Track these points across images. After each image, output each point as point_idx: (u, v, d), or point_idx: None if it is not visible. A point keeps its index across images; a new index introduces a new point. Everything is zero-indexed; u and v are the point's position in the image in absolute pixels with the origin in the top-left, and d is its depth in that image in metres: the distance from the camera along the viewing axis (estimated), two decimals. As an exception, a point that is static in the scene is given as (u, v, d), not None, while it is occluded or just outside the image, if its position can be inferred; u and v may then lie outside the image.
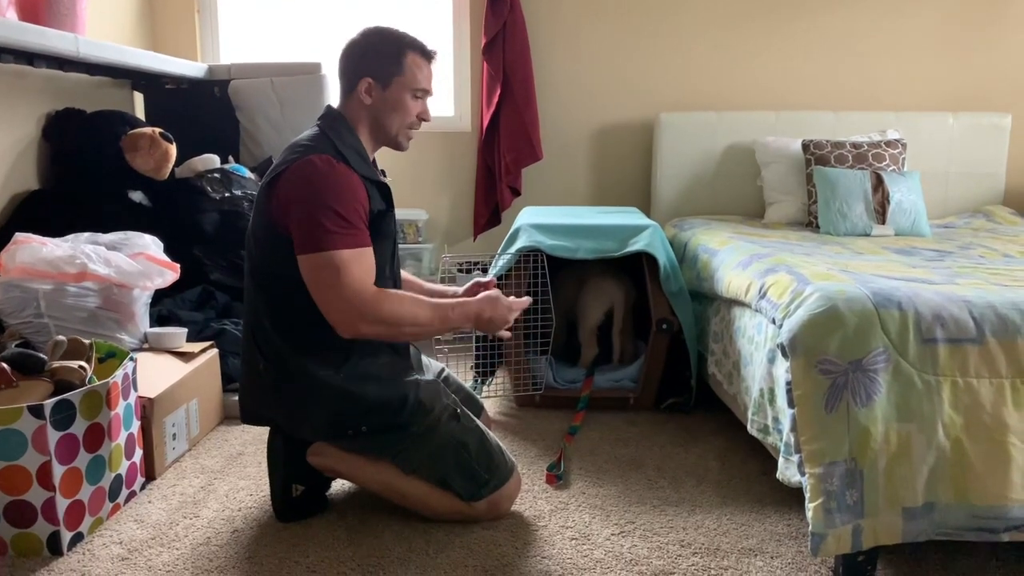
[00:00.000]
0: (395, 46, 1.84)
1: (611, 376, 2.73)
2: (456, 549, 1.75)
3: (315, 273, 1.69)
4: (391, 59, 1.83)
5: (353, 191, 1.73)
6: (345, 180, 1.73)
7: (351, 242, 1.70)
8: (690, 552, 1.74)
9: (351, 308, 1.69)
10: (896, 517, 1.55)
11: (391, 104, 1.85)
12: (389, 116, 1.86)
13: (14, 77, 2.67)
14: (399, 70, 1.83)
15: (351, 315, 1.69)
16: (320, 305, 1.71)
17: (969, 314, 1.63)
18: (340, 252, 1.68)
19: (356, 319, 1.70)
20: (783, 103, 3.71)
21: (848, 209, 3.05)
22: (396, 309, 1.73)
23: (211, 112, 3.35)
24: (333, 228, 1.68)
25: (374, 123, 1.86)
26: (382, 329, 1.73)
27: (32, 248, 2.20)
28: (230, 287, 2.83)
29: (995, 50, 3.67)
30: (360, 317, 1.69)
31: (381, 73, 1.83)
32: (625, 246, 2.62)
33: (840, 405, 1.58)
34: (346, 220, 1.70)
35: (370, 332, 1.73)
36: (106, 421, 1.80)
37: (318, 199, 1.69)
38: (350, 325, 1.71)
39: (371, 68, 1.83)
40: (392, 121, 1.86)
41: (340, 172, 1.73)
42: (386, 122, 1.86)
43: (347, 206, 1.71)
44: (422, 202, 3.81)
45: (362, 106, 1.85)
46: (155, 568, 1.67)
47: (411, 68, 1.84)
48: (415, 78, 1.85)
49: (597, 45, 3.70)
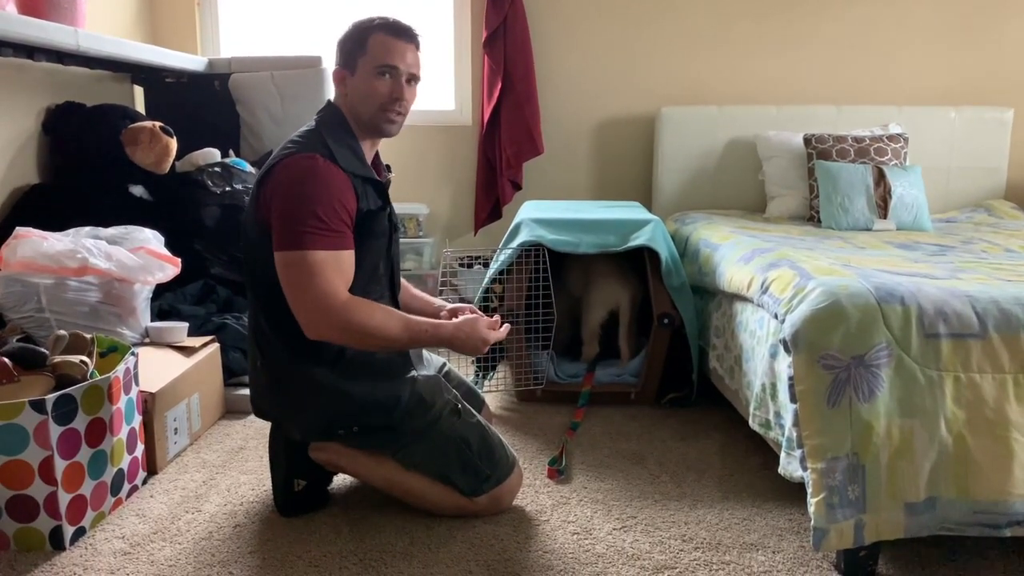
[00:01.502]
0: (362, 30, 1.80)
1: (612, 371, 2.73)
2: (458, 544, 1.75)
3: (287, 271, 1.67)
4: (356, 43, 1.80)
5: (336, 191, 1.69)
6: (329, 180, 1.69)
7: (327, 243, 1.67)
8: (692, 547, 1.74)
9: (318, 310, 1.65)
10: (898, 512, 1.55)
11: (361, 88, 1.79)
12: (361, 101, 1.80)
13: (14, 70, 2.66)
14: (363, 51, 1.79)
15: (316, 317, 1.66)
16: (290, 303, 1.68)
17: (972, 309, 1.63)
18: (315, 252, 1.65)
19: (321, 322, 1.66)
20: (785, 97, 3.70)
21: (850, 203, 3.05)
22: (364, 320, 1.68)
23: (211, 106, 3.35)
24: (310, 228, 1.65)
25: (354, 113, 1.82)
26: (347, 337, 1.69)
27: (33, 242, 2.19)
28: (231, 281, 2.83)
29: (997, 44, 3.66)
30: (326, 321, 1.66)
31: (349, 59, 1.80)
32: (627, 241, 2.62)
33: (842, 400, 1.58)
34: (324, 221, 1.66)
35: (334, 337, 1.69)
36: (108, 416, 1.80)
37: (299, 198, 1.66)
38: (315, 327, 1.67)
39: (342, 58, 1.82)
40: (365, 106, 1.80)
41: (324, 171, 1.69)
42: (360, 108, 1.80)
43: (327, 207, 1.67)
44: (423, 196, 3.80)
45: (343, 98, 1.83)
46: (157, 562, 1.67)
47: (374, 46, 1.78)
48: (377, 55, 1.78)
49: (598, 39, 3.69)
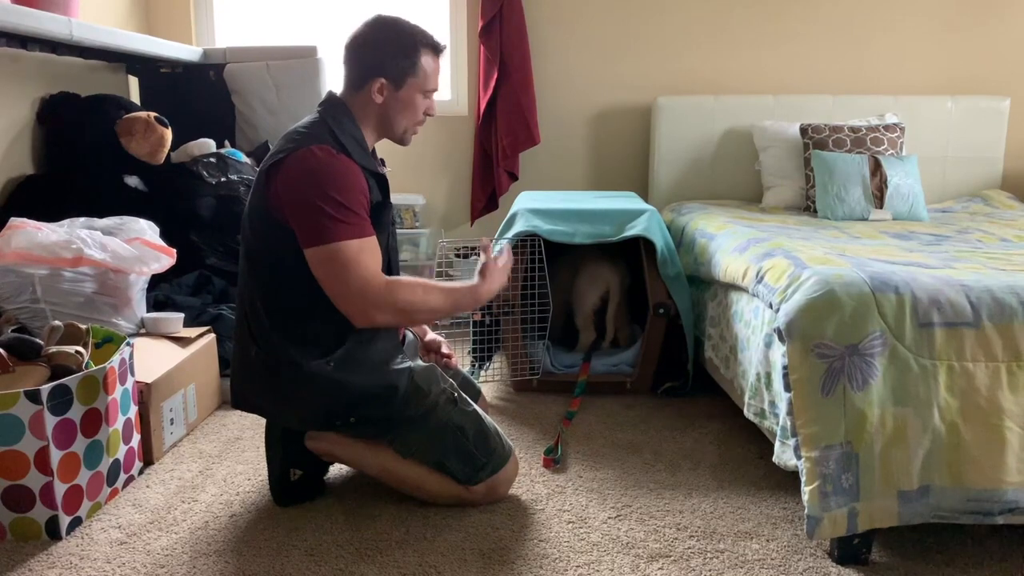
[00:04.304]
0: (409, 46, 1.80)
1: (608, 360, 2.74)
2: (454, 532, 1.75)
3: (324, 267, 1.68)
4: (405, 59, 1.80)
5: (355, 181, 1.72)
6: (347, 170, 1.71)
7: (357, 232, 1.69)
8: (686, 535, 1.75)
9: (364, 298, 1.68)
10: (892, 500, 1.56)
11: (402, 104, 1.82)
12: (398, 115, 1.84)
13: (7, 61, 2.65)
14: (413, 71, 1.80)
15: (364, 305, 1.69)
16: (332, 298, 1.70)
17: (966, 298, 1.63)
18: (348, 243, 1.67)
19: (370, 308, 1.69)
20: (781, 87, 3.70)
21: (846, 193, 3.05)
22: (409, 297, 1.74)
23: (206, 96, 3.33)
24: (338, 219, 1.66)
25: (382, 120, 1.84)
26: (398, 316, 1.75)
27: (27, 233, 2.19)
28: (227, 272, 2.83)
29: (994, 33, 3.65)
30: (374, 306, 1.69)
31: (395, 74, 1.80)
32: (623, 231, 2.62)
33: (836, 389, 1.58)
34: (351, 210, 1.68)
35: (384, 320, 1.74)
36: (103, 406, 1.80)
37: (321, 190, 1.67)
38: (364, 315, 1.70)
39: (385, 68, 1.79)
40: (401, 120, 1.84)
41: (341, 162, 1.71)
42: (395, 121, 1.84)
43: (350, 196, 1.69)
44: (419, 187, 3.80)
45: (371, 103, 1.82)
46: (153, 552, 1.67)
47: (424, 69, 1.82)
48: (428, 79, 1.83)
49: (595, 28, 3.68)
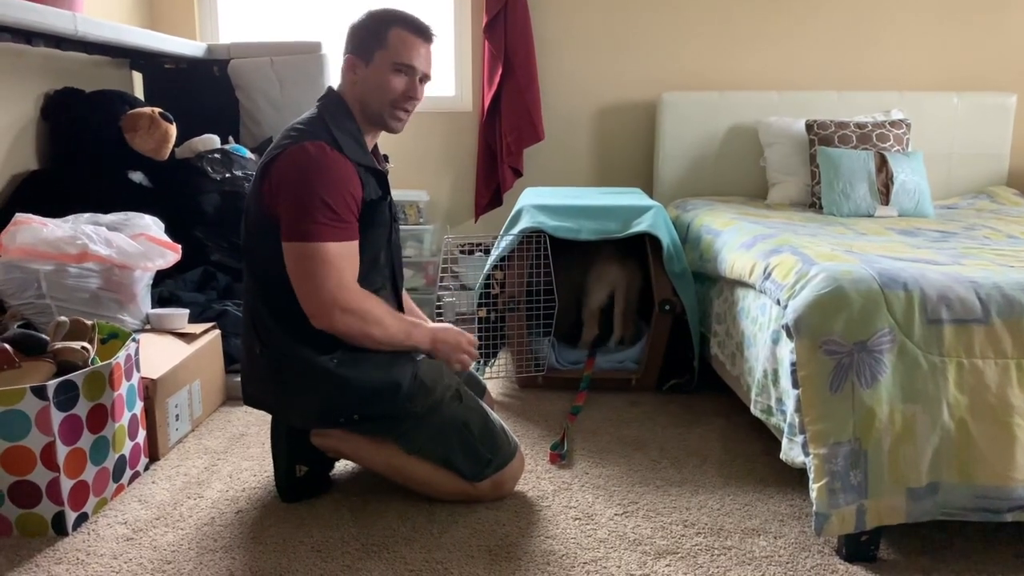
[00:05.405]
0: (381, 22, 1.80)
1: (613, 357, 2.73)
2: (460, 529, 1.75)
3: (298, 263, 1.68)
4: (375, 34, 1.79)
5: (345, 181, 1.70)
6: (337, 169, 1.70)
7: (338, 235, 1.68)
8: (694, 532, 1.75)
9: (328, 303, 1.68)
10: (900, 497, 1.56)
11: (374, 80, 1.79)
12: (372, 93, 1.80)
13: (12, 56, 2.64)
14: (382, 44, 1.78)
15: (326, 309, 1.68)
16: (298, 294, 1.69)
17: (975, 295, 1.63)
18: (327, 245, 1.67)
19: (335, 310, 1.69)
20: (786, 83, 3.68)
21: (852, 190, 3.04)
22: (375, 310, 1.74)
23: (211, 92, 3.33)
24: (322, 220, 1.66)
25: (362, 103, 1.82)
26: (358, 324, 1.72)
27: (32, 229, 2.19)
28: (231, 268, 2.82)
29: (1000, 30, 3.64)
30: (342, 309, 1.69)
31: (364, 49, 1.80)
32: (628, 227, 2.61)
33: (845, 386, 1.58)
34: (335, 212, 1.67)
35: (344, 325, 1.71)
36: (109, 402, 1.80)
37: (309, 188, 1.66)
38: (327, 315, 1.69)
39: (355, 45, 1.81)
40: (375, 98, 1.80)
41: (333, 160, 1.70)
42: (370, 100, 1.81)
43: (337, 197, 1.68)
44: (423, 183, 3.79)
45: (350, 86, 1.82)
46: (159, 548, 1.67)
47: (394, 41, 1.78)
48: (397, 51, 1.79)
49: (599, 24, 3.67)
